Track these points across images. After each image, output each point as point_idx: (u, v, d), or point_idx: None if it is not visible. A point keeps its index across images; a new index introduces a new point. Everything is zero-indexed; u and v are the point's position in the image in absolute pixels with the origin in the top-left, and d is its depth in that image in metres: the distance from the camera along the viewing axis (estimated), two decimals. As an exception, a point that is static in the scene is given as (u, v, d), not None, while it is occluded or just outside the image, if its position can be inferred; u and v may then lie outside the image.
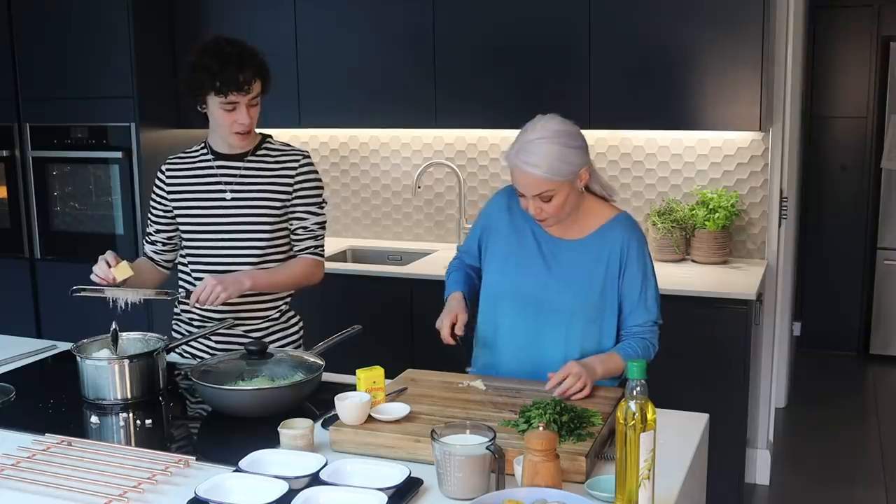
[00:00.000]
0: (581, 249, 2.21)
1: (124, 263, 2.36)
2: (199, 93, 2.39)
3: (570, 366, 2.06)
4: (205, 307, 2.45)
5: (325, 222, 2.56)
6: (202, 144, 2.57)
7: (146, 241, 2.66)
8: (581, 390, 2.01)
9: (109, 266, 2.34)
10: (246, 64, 2.37)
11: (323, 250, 2.58)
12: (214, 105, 2.40)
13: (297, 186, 2.50)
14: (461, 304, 2.28)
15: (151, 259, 2.64)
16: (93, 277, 2.35)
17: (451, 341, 2.21)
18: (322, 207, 2.55)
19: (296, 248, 2.55)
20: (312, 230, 2.53)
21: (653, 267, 2.26)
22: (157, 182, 2.60)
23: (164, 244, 2.63)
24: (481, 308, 2.33)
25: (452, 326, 2.21)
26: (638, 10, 3.52)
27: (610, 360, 2.16)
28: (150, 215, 2.63)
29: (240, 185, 2.49)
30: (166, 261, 2.66)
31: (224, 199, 2.49)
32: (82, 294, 2.36)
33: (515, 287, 2.24)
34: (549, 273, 2.21)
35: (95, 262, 2.37)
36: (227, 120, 2.41)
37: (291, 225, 2.53)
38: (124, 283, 2.37)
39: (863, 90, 5.74)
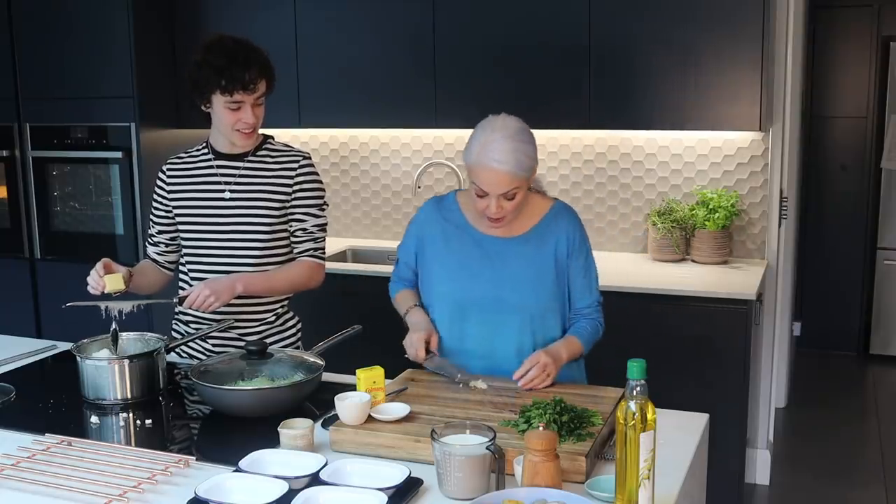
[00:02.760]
0: (526, 244, 2.23)
1: (118, 275, 2.33)
2: (204, 91, 2.38)
3: (536, 355, 2.12)
4: (199, 312, 2.45)
5: (325, 224, 2.55)
6: (203, 144, 2.57)
7: (148, 243, 2.66)
8: (546, 380, 2.10)
9: (102, 275, 2.32)
10: (252, 62, 2.35)
11: (323, 252, 2.56)
12: (219, 104, 2.38)
13: (296, 188, 2.49)
14: (429, 322, 2.30)
15: (155, 261, 2.64)
16: (89, 289, 2.35)
17: (422, 357, 2.21)
18: (322, 209, 2.54)
19: (295, 251, 2.53)
20: (312, 232, 2.51)
21: (590, 248, 2.33)
22: (158, 182, 2.60)
23: (166, 245, 2.62)
24: (438, 319, 2.31)
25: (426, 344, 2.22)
26: (638, 10, 3.52)
27: (571, 344, 2.24)
28: (151, 216, 2.63)
29: (239, 185, 2.49)
30: (169, 262, 2.65)
31: (223, 199, 2.49)
32: (75, 305, 2.34)
33: (470, 292, 2.25)
34: (501, 273, 2.22)
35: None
36: (231, 119, 2.40)
37: (291, 227, 2.51)
38: (122, 293, 2.35)
39: (863, 90, 5.74)
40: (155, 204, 2.60)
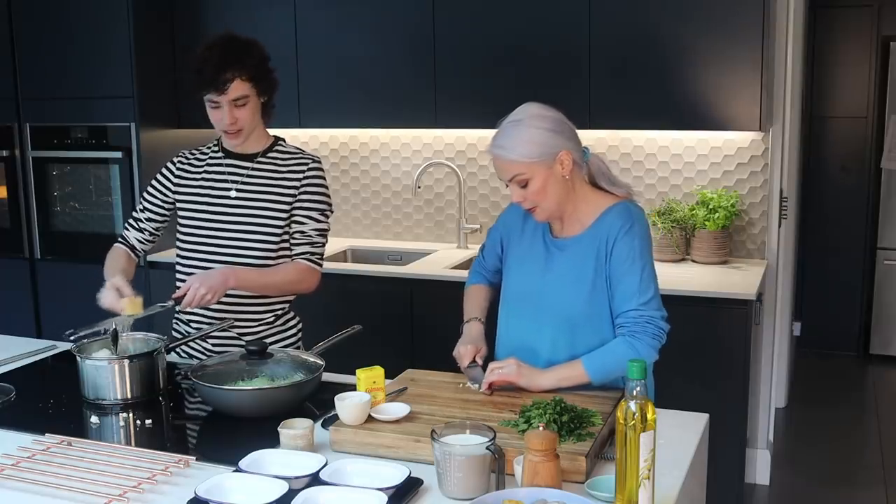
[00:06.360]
0: (577, 245, 2.18)
1: (139, 300, 2.31)
2: (194, 89, 2.39)
3: (508, 360, 2.09)
4: (193, 309, 2.44)
5: (325, 231, 2.52)
6: (216, 142, 2.57)
7: (131, 227, 2.62)
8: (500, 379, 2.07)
9: (122, 296, 2.30)
10: (228, 64, 2.33)
11: (320, 258, 2.52)
12: (206, 102, 2.40)
13: (301, 190, 2.47)
14: (481, 336, 2.29)
15: (132, 247, 2.60)
16: (100, 304, 2.32)
17: (465, 365, 2.20)
18: (325, 216, 2.51)
19: (293, 253, 2.51)
20: (310, 236, 2.48)
21: (646, 254, 2.15)
22: (165, 171, 2.58)
23: (150, 233, 2.61)
24: (499, 311, 2.33)
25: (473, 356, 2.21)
26: (637, 10, 3.52)
27: (566, 369, 2.10)
28: (145, 202, 2.60)
29: (245, 185, 2.48)
30: (145, 250, 2.63)
31: (228, 197, 2.48)
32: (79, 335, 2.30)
33: (521, 289, 2.24)
34: (548, 272, 2.20)
35: (105, 266, 2.33)
36: (213, 118, 2.41)
37: (290, 228, 2.49)
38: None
39: (863, 90, 5.74)
40: (155, 191, 2.58)
